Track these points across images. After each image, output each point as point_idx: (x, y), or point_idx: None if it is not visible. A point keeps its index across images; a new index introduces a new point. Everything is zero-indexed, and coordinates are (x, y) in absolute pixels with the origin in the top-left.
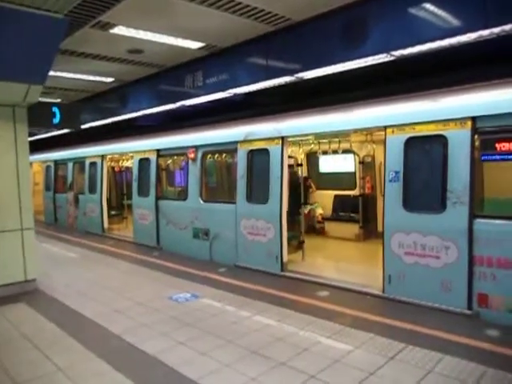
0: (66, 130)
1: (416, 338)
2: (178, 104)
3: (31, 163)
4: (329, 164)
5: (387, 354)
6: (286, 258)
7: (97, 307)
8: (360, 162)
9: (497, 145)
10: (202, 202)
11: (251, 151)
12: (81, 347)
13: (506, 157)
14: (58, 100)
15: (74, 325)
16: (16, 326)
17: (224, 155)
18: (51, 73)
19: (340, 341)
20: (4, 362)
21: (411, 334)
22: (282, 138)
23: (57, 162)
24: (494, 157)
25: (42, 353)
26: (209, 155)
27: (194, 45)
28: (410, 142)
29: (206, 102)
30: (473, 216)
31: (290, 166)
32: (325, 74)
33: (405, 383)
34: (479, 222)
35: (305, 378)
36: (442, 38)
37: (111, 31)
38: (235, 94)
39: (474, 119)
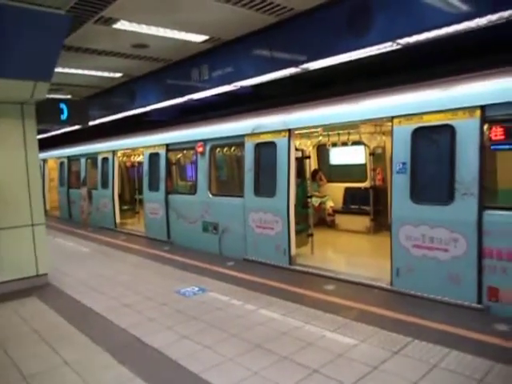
0: (77, 127)
1: (422, 332)
2: (186, 98)
3: (47, 160)
4: (339, 156)
5: (392, 349)
6: (294, 251)
7: (106, 301)
8: (370, 154)
9: (507, 133)
10: (210, 195)
11: (258, 144)
12: (88, 341)
13: None
14: (68, 96)
15: (82, 319)
16: (26, 320)
17: (232, 149)
18: (59, 69)
19: (344, 335)
20: (13, 355)
21: (418, 328)
22: (289, 131)
23: (70, 158)
24: (504, 146)
25: (50, 347)
26: (217, 149)
27: (198, 38)
28: (418, 133)
29: (213, 96)
30: (482, 207)
31: (298, 159)
32: (330, 64)
33: (408, 378)
34: (489, 214)
35: (307, 372)
36: (449, 24)
37: (114, 26)
38: (241, 87)
39: (483, 108)
